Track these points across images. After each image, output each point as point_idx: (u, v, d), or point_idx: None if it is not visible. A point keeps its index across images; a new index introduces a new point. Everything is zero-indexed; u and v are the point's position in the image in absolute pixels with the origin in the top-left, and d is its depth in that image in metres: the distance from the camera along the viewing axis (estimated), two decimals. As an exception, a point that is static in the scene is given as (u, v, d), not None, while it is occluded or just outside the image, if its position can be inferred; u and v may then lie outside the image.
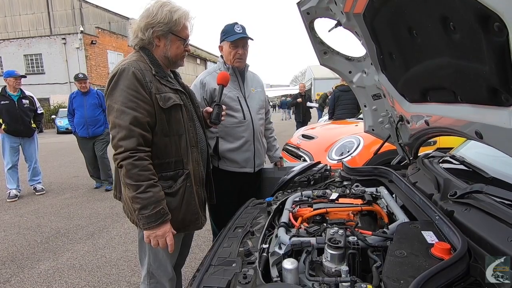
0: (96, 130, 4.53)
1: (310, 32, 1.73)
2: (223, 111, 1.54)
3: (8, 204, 4.20)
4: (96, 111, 4.50)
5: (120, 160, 1.13)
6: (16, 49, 20.88)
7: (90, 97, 4.50)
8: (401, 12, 1.00)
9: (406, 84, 1.32)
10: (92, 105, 4.49)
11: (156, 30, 1.24)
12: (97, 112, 4.51)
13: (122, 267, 2.44)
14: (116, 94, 1.15)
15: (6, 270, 2.46)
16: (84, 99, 4.49)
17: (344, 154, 2.96)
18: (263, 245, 1.09)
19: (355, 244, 0.91)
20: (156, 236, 1.17)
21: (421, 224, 0.96)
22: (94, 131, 4.51)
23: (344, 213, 1.23)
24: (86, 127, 4.48)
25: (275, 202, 1.46)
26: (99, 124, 4.54)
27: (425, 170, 1.31)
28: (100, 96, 4.55)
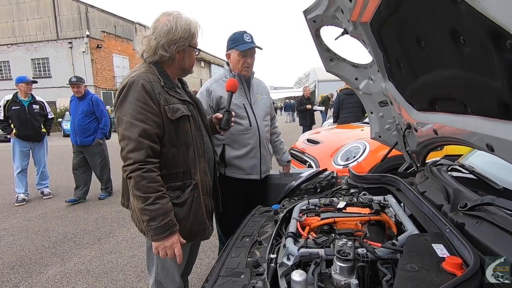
0: (85, 140, 4.20)
1: (316, 39, 1.74)
2: (232, 117, 1.59)
3: (17, 208, 4.25)
4: (86, 119, 4.18)
5: (129, 172, 1.14)
6: (23, 53, 21.20)
7: (83, 103, 4.20)
8: (409, 23, 1.00)
9: (413, 93, 1.32)
10: (83, 112, 4.17)
11: (179, 45, 1.25)
12: (87, 121, 4.19)
13: (129, 273, 2.46)
14: (126, 106, 1.17)
15: (14, 275, 2.49)
16: (78, 104, 4.23)
17: (350, 159, 2.95)
18: (271, 255, 1.08)
19: (364, 256, 0.90)
20: (164, 247, 1.18)
21: (431, 236, 0.95)
22: (82, 140, 4.20)
23: (352, 222, 1.22)
24: (74, 135, 4.24)
25: (281, 210, 1.46)
26: (88, 133, 4.21)
27: (434, 179, 1.30)
28: (94, 103, 4.22)
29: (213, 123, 1.62)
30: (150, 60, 1.28)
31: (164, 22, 1.23)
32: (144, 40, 1.26)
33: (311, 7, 1.55)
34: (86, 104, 4.19)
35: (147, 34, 1.26)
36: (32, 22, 26.09)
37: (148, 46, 1.25)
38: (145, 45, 1.26)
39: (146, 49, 1.26)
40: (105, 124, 4.32)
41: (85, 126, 4.19)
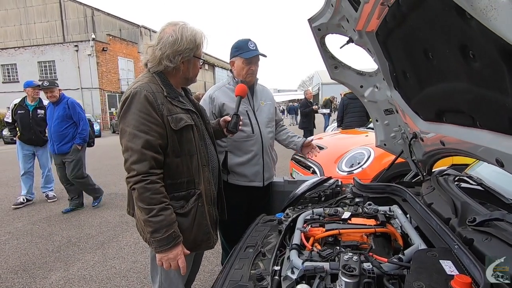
0: (62, 148, 3.91)
1: (321, 47, 1.73)
2: (240, 120, 1.63)
3: (21, 211, 4.28)
4: (63, 125, 3.89)
5: (133, 183, 1.14)
6: (30, 56, 21.51)
7: (58, 108, 3.90)
8: (416, 35, 0.99)
9: (420, 103, 1.30)
10: (59, 117, 3.88)
11: (184, 56, 1.25)
12: (64, 126, 3.90)
13: (132, 279, 2.45)
14: (129, 118, 1.17)
15: (18, 280, 2.50)
16: (53, 110, 3.94)
17: (354, 166, 2.92)
18: (274, 267, 1.07)
19: (370, 272, 0.89)
20: (168, 259, 1.18)
21: (439, 252, 0.93)
22: (60, 148, 3.91)
23: (357, 234, 1.20)
24: (52, 143, 3.96)
25: (285, 219, 1.45)
26: (66, 140, 3.91)
27: (441, 191, 1.28)
28: (70, 106, 3.92)
29: (220, 126, 1.63)
30: (154, 70, 1.27)
31: (169, 32, 1.23)
32: (149, 50, 1.25)
33: (316, 16, 1.54)
34: (61, 109, 3.91)
35: (152, 43, 1.25)
36: (39, 26, 26.49)
37: (153, 56, 1.24)
38: (150, 55, 1.25)
39: (150, 59, 1.26)
40: (83, 129, 3.98)
41: (61, 132, 3.90)
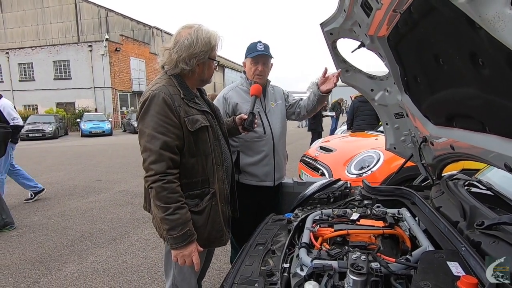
0: None
1: (332, 51, 1.76)
2: (256, 119, 1.69)
3: (37, 205, 4.43)
4: None
5: (151, 182, 1.19)
6: (46, 55, 22.09)
7: None
8: (427, 41, 1.01)
9: (430, 107, 1.32)
10: None
11: (199, 59, 1.29)
12: None
13: (143, 274, 2.52)
14: (147, 119, 1.21)
15: (35, 271, 2.60)
16: None
17: (364, 169, 2.93)
18: (284, 265, 1.11)
19: (378, 271, 0.91)
20: (183, 255, 1.22)
21: (446, 253, 0.95)
22: None
23: (365, 235, 1.23)
24: None
25: (294, 219, 1.48)
26: None
27: (450, 195, 1.29)
28: None
29: (235, 124, 1.68)
30: (171, 72, 1.31)
31: (185, 35, 1.27)
32: (166, 53, 1.29)
33: (328, 20, 1.57)
34: None
35: (168, 46, 1.29)
36: (55, 26, 27.19)
37: (170, 59, 1.28)
38: (166, 57, 1.29)
39: (167, 62, 1.30)
40: None
41: None
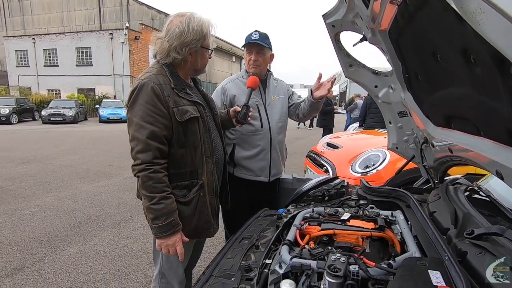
0: None
1: (335, 44, 1.69)
2: (250, 111, 1.64)
3: (51, 186, 4.62)
4: None
5: (137, 171, 1.19)
6: (69, 42, 22.72)
7: None
8: (424, 35, 0.95)
9: (431, 107, 1.25)
10: None
11: (191, 47, 1.27)
12: None
13: (141, 259, 2.59)
14: (136, 108, 1.21)
15: (42, 249, 2.72)
16: None
17: (369, 167, 2.85)
18: (266, 261, 1.09)
19: (355, 274, 0.88)
20: (167, 245, 1.23)
21: (430, 261, 0.90)
22: None
23: (352, 236, 1.19)
24: None
25: (285, 215, 1.46)
26: None
27: (446, 200, 1.23)
28: None
29: (229, 116, 1.65)
30: (163, 62, 1.30)
31: (176, 24, 1.25)
32: (158, 42, 1.28)
33: (330, 12, 1.51)
34: None
35: (161, 35, 1.28)
36: (79, 13, 27.87)
37: (161, 48, 1.27)
38: (158, 46, 1.28)
39: (159, 51, 1.29)
40: None
41: None
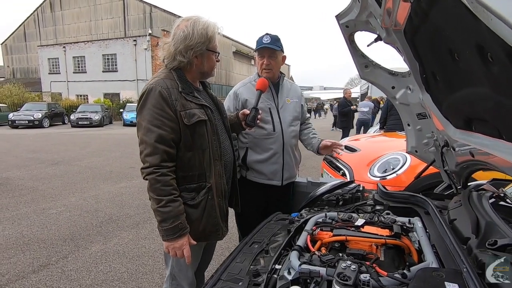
0: None
1: (350, 45, 1.65)
2: (259, 114, 1.63)
3: (76, 187, 4.85)
4: None
5: (145, 174, 1.22)
6: (96, 49, 23.87)
7: None
8: (440, 33, 0.90)
9: (450, 108, 1.18)
10: None
11: (196, 50, 1.29)
12: None
13: (158, 259, 2.64)
14: (144, 112, 1.24)
15: (66, 247, 2.85)
16: None
17: (388, 171, 2.74)
18: (275, 266, 1.07)
19: (366, 283, 0.85)
20: (174, 247, 1.24)
21: (447, 273, 0.84)
22: None
23: (366, 243, 1.14)
24: None
25: (298, 219, 1.43)
26: None
27: (467, 207, 1.15)
28: None
29: (239, 119, 1.65)
30: (170, 66, 1.32)
31: (182, 28, 1.28)
32: (165, 47, 1.31)
33: (343, 12, 1.47)
34: None
35: (168, 40, 1.31)
36: (106, 22, 29.24)
37: (168, 52, 1.30)
38: (166, 51, 1.31)
39: (166, 55, 1.31)
40: None
41: None
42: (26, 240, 2.97)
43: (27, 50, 32.77)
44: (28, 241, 2.95)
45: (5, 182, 5.10)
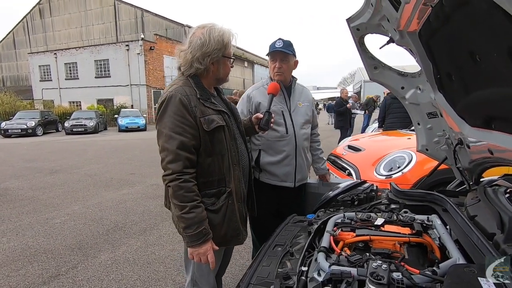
0: None
1: (360, 47, 1.68)
2: (272, 118, 1.64)
3: (77, 195, 4.79)
4: None
5: (168, 181, 1.22)
6: (88, 55, 23.64)
7: None
8: (461, 36, 0.93)
9: (466, 108, 1.21)
10: None
11: (212, 57, 1.30)
12: None
13: (169, 266, 2.63)
14: (165, 120, 1.25)
15: (74, 257, 2.82)
16: None
17: (394, 170, 2.78)
18: (302, 268, 1.09)
19: (399, 282, 0.86)
20: (198, 253, 1.25)
21: (478, 268, 0.87)
22: None
23: (389, 242, 1.16)
24: None
25: (316, 221, 1.45)
26: None
27: (487, 203, 1.18)
28: None
29: (252, 123, 1.66)
30: (187, 73, 1.34)
31: (198, 35, 1.29)
32: (181, 54, 1.33)
33: (355, 16, 1.50)
34: None
35: (184, 48, 1.32)
36: (97, 27, 29.00)
37: (185, 59, 1.31)
38: (182, 58, 1.32)
39: (183, 63, 1.33)
40: None
41: None
42: (32, 251, 2.93)
43: (17, 57, 32.31)
44: (35, 252, 2.91)
45: (4, 192, 5.02)
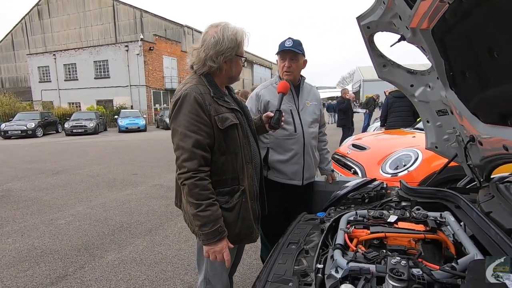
0: None
1: (369, 45, 1.68)
2: (283, 116, 1.65)
3: (81, 196, 4.79)
4: None
5: (184, 179, 1.22)
6: (87, 56, 23.61)
7: None
8: (479, 33, 0.93)
9: (480, 105, 1.22)
10: None
11: (226, 56, 1.30)
12: None
13: (177, 265, 2.63)
14: (180, 118, 1.25)
15: (81, 257, 2.82)
16: None
17: (400, 168, 2.79)
18: (318, 265, 1.09)
19: (420, 278, 0.87)
20: (214, 251, 1.25)
21: (498, 263, 0.87)
22: None
23: (405, 239, 1.17)
24: None
25: (327, 219, 1.45)
26: None
27: (502, 199, 1.19)
28: None
29: (262, 121, 1.66)
30: (200, 71, 1.34)
31: (212, 34, 1.29)
32: (194, 52, 1.33)
33: (365, 13, 1.51)
34: None
35: (197, 46, 1.32)
36: (96, 28, 28.95)
37: (198, 58, 1.31)
38: (195, 57, 1.32)
39: (196, 61, 1.33)
40: None
41: None
42: (39, 252, 2.93)
43: (16, 59, 32.26)
44: (41, 253, 2.91)
45: (7, 194, 5.01)
